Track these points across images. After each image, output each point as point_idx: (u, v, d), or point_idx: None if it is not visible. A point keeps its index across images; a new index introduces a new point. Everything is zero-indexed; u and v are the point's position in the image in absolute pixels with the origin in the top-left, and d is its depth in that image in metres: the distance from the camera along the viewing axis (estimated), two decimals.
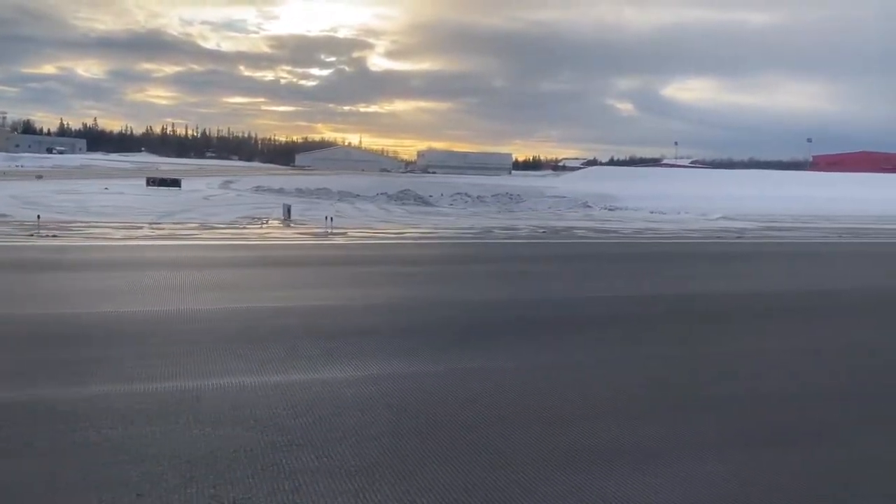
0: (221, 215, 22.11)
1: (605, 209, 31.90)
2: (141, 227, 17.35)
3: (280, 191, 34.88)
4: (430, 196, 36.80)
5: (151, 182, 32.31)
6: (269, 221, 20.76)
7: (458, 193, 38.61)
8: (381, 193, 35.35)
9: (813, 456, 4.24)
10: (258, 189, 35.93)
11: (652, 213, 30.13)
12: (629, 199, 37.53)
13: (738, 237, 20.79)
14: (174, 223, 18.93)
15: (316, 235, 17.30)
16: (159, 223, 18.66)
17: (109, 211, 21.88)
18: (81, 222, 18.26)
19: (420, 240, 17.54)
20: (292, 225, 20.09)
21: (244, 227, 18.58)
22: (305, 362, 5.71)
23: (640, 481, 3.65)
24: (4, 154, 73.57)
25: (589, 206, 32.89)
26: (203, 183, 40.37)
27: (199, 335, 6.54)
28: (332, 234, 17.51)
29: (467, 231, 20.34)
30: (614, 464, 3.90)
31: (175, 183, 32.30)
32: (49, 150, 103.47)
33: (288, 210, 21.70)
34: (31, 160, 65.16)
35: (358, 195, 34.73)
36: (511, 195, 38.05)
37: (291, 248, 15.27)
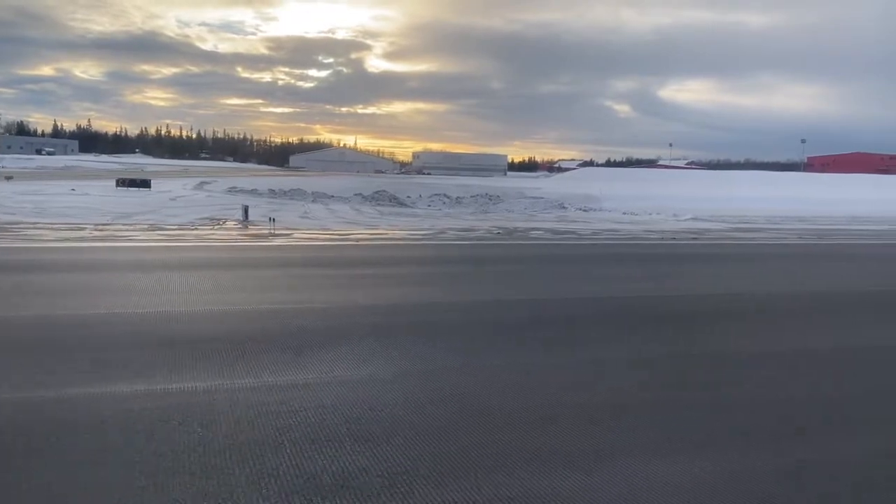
0: (180, 216, 21.72)
1: (579, 210, 31.49)
2: (84, 229, 16.95)
3: (254, 192, 34.47)
4: (408, 197, 36.47)
5: (122, 183, 31.89)
6: (227, 223, 20.41)
7: (437, 194, 38.29)
8: (357, 194, 34.98)
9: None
10: (232, 190, 35.49)
11: (624, 214, 29.75)
12: (611, 200, 37.22)
13: (694, 238, 20.35)
14: (125, 225, 18.52)
15: (256, 237, 16.80)
16: (108, 225, 18.24)
17: (66, 212, 21.46)
18: (27, 223, 17.82)
19: (361, 242, 17.05)
20: (249, 227, 19.72)
21: (194, 229, 18.15)
22: (76, 376, 5.28)
23: None
24: None
25: (564, 208, 32.49)
26: (178, 184, 39.89)
27: None
28: (274, 235, 17.09)
29: (419, 233, 19.89)
30: None
31: (145, 184, 31.89)
32: (38, 152, 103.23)
33: (245, 211, 21.33)
34: (14, 161, 64.77)
35: (332, 196, 34.33)
36: (490, 196, 37.68)
37: (215, 249, 14.67)
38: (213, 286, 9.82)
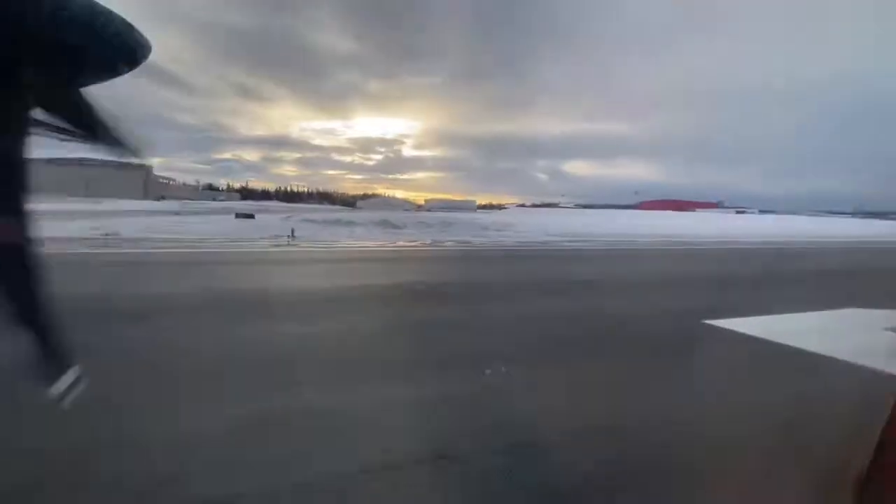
0: (258, 234, 20.22)
1: (494, 231, 29.84)
2: (182, 242, 15.69)
3: (314, 221, 32.99)
4: (404, 224, 34.89)
5: (238, 216, 30.40)
6: (281, 238, 18.95)
7: (421, 222, 36.79)
8: (371, 222, 33.51)
9: None
10: (303, 220, 33.89)
11: (516, 232, 28.16)
12: (530, 225, 35.71)
13: (519, 247, 18.01)
14: (214, 242, 17.23)
15: (276, 246, 14.95)
16: (205, 240, 16.97)
17: (183, 234, 20.09)
18: (158, 238, 16.60)
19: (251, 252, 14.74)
20: (292, 242, 18.26)
21: (253, 241, 16.82)
22: None
23: None
24: (173, 202, 71.41)
25: (486, 228, 30.91)
26: (276, 217, 38.26)
27: None
28: (287, 246, 15.84)
29: (322, 248, 17.75)
30: None
31: (250, 216, 30.38)
32: (214, 199, 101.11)
33: (292, 231, 19.97)
34: (196, 204, 62.81)
35: (357, 223, 32.73)
36: (448, 223, 36.13)
37: (232, 253, 12.26)
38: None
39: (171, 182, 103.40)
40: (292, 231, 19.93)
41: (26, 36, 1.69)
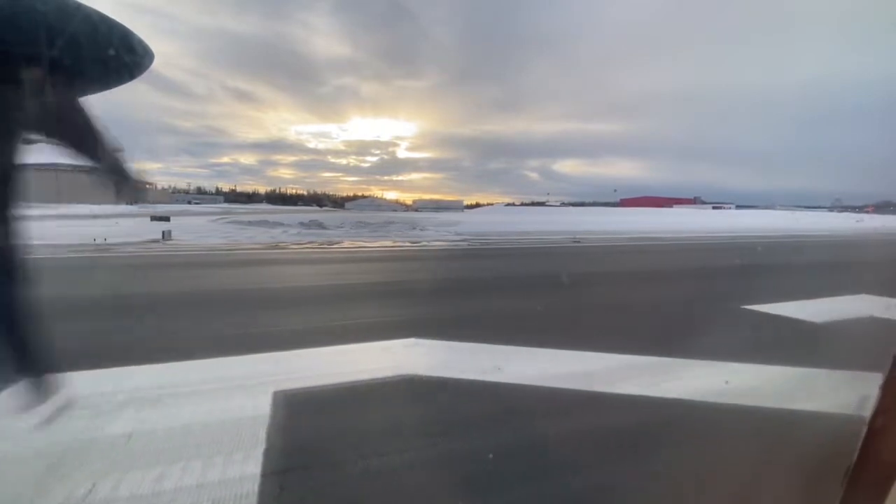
0: (137, 237, 18.60)
1: (419, 231, 28.18)
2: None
3: (238, 222, 31.41)
4: (339, 224, 33.24)
5: (153, 218, 28.60)
6: (154, 242, 17.30)
7: (360, 222, 35.29)
8: (300, 223, 31.91)
9: None
10: (231, 221, 32.39)
11: (436, 231, 26.41)
12: (469, 224, 34.27)
13: (418, 245, 16.07)
14: (76, 246, 15.56)
15: (92, 248, 12.87)
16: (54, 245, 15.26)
17: (63, 236, 18.43)
18: None
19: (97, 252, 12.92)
20: (165, 243, 16.62)
21: (101, 243, 15.16)
22: None
23: None
24: (155, 204, 69.94)
25: (414, 228, 29.24)
26: (204, 218, 36.67)
27: None
28: (100, 248, 14.02)
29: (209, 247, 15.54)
30: None
31: (165, 218, 28.44)
32: (189, 202, 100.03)
33: (163, 233, 18.33)
34: (160, 207, 61.35)
35: (284, 224, 31.08)
36: (388, 222, 34.65)
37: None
38: None
39: (147, 186, 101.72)
40: (163, 234, 18.26)
41: (27, 45, 1.67)
